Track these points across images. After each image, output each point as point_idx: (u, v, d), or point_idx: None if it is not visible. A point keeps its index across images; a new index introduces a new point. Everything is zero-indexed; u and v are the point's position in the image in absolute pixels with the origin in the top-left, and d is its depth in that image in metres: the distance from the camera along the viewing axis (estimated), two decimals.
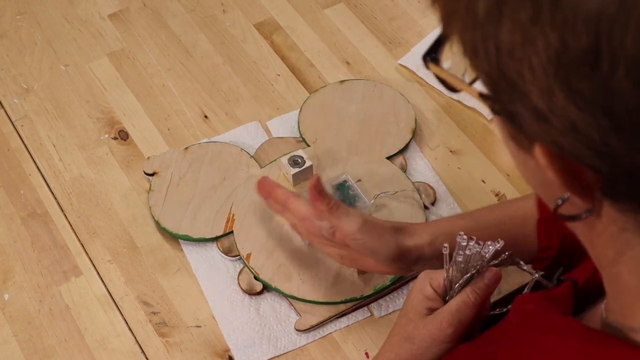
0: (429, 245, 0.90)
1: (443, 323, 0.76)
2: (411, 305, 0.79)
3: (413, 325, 0.78)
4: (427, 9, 1.29)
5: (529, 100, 0.46)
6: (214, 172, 1.10)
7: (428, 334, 0.77)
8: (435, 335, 0.77)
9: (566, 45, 0.43)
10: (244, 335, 0.98)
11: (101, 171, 1.12)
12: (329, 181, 1.07)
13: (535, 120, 0.47)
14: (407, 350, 0.78)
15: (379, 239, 0.89)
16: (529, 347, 0.62)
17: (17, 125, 1.17)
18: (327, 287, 1.00)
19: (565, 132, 0.46)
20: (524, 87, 0.46)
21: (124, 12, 1.30)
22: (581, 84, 0.43)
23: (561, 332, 0.60)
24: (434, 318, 0.77)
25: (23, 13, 1.30)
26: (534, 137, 0.49)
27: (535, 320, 0.64)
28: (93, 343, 0.99)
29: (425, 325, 0.77)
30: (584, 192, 0.49)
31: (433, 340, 0.77)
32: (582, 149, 0.46)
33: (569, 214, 0.52)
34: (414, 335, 0.78)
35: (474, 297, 0.77)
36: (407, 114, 1.15)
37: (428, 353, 0.77)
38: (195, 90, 1.21)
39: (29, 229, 1.07)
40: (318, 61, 1.24)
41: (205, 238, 1.04)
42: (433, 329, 0.77)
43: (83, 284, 1.03)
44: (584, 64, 0.43)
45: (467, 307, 0.77)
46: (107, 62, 1.24)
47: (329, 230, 0.90)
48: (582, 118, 0.44)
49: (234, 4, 1.31)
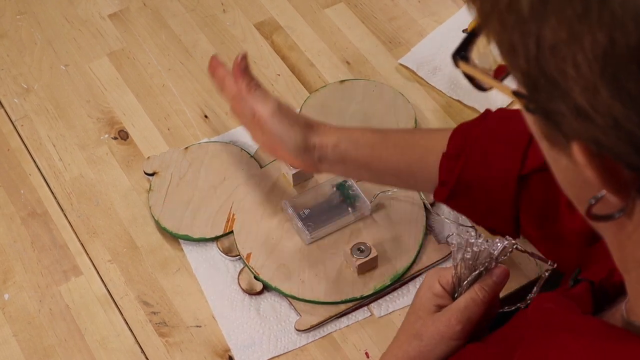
0: (333, 147, 0.94)
1: (452, 320, 0.77)
2: (420, 303, 0.80)
3: (421, 322, 0.78)
4: (427, 8, 1.29)
5: (570, 98, 0.46)
6: (214, 172, 1.10)
7: (436, 331, 0.77)
8: (444, 332, 0.77)
9: (614, 43, 0.42)
10: (244, 335, 0.98)
11: (101, 171, 1.12)
12: (329, 181, 1.07)
13: (575, 118, 0.46)
14: (415, 347, 0.78)
15: (289, 128, 0.94)
16: (548, 345, 0.62)
17: (17, 125, 1.17)
18: (327, 287, 1.00)
19: (607, 130, 0.46)
20: (566, 85, 0.45)
21: (124, 12, 1.30)
22: (628, 82, 0.43)
23: (582, 329, 0.60)
24: (442, 315, 0.78)
25: (23, 13, 1.30)
26: (571, 135, 0.48)
27: (556, 318, 0.63)
28: (93, 343, 0.99)
29: (434, 322, 0.78)
30: (621, 190, 0.49)
31: (441, 337, 0.77)
32: (623, 146, 0.46)
33: (601, 213, 0.52)
34: (422, 332, 0.78)
35: (482, 294, 0.77)
36: (407, 114, 1.15)
37: (436, 350, 0.77)
38: (196, 90, 1.21)
39: (29, 228, 1.07)
40: (318, 61, 1.24)
41: (206, 238, 1.04)
42: (441, 326, 0.77)
43: (83, 283, 1.03)
44: (632, 62, 0.42)
45: (476, 304, 0.77)
46: (107, 62, 1.24)
47: (249, 111, 0.96)
48: (627, 116, 0.44)
49: (234, 3, 1.31)
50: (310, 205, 1.05)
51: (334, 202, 1.05)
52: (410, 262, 1.02)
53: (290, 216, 1.05)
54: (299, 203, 1.05)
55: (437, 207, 1.08)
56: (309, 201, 1.05)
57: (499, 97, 1.19)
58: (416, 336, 0.78)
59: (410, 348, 0.78)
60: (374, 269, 1.01)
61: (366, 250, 1.00)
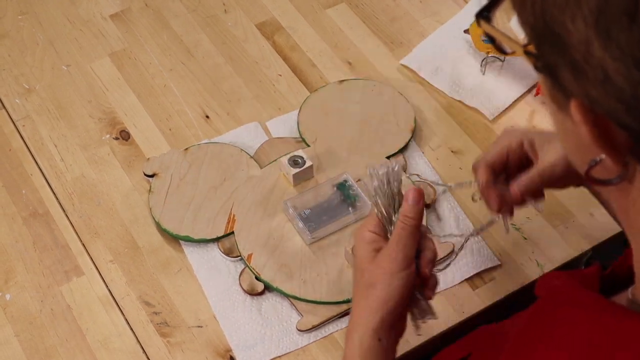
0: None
1: (392, 254, 0.79)
2: (360, 259, 0.81)
3: (368, 272, 0.80)
4: (428, 9, 1.29)
5: (569, 53, 0.48)
6: (214, 172, 1.10)
7: (383, 270, 0.79)
8: (390, 267, 0.78)
9: None
10: (245, 335, 0.98)
11: (103, 171, 1.12)
12: (330, 181, 1.07)
13: (571, 73, 0.49)
14: (373, 297, 0.79)
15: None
16: (553, 319, 0.63)
17: (18, 125, 1.17)
18: (329, 286, 1.00)
19: (598, 84, 0.48)
20: (566, 39, 0.48)
21: (126, 12, 1.30)
22: (619, 34, 0.45)
23: (587, 305, 0.61)
24: (382, 255, 0.80)
25: (25, 13, 1.30)
26: (570, 93, 0.50)
27: (561, 294, 0.65)
28: (94, 343, 0.99)
29: (378, 264, 0.79)
30: (615, 152, 0.51)
31: (390, 273, 0.78)
32: (613, 102, 0.48)
33: (601, 178, 0.53)
34: (373, 279, 0.79)
35: (406, 220, 0.80)
36: (407, 114, 1.15)
37: (392, 289, 0.78)
38: (197, 91, 1.21)
39: (30, 229, 1.07)
40: (320, 61, 1.24)
41: (206, 239, 1.04)
42: (386, 264, 0.79)
43: (84, 284, 1.03)
44: (624, 14, 0.44)
45: (406, 229, 0.79)
46: (108, 62, 1.24)
47: None
48: (616, 69, 0.46)
49: (236, 4, 1.31)
50: (310, 205, 1.05)
51: (334, 202, 1.05)
52: None
53: (291, 216, 1.05)
54: (299, 203, 1.05)
55: (436, 207, 1.08)
56: (310, 201, 1.05)
57: (500, 98, 1.19)
58: (369, 286, 0.79)
59: (370, 300, 0.79)
60: None
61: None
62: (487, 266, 1.03)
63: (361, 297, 0.80)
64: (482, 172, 0.91)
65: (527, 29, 0.51)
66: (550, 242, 1.05)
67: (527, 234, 1.06)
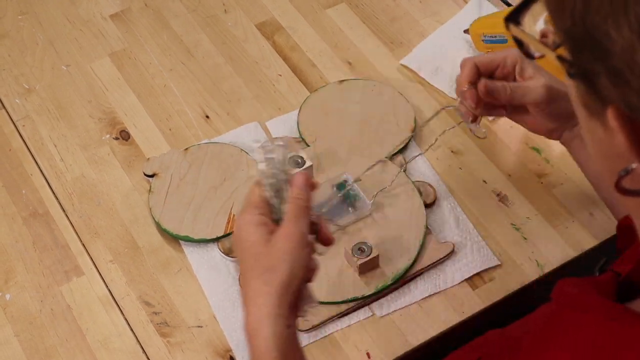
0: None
1: (289, 233, 0.76)
2: (251, 244, 0.77)
3: (264, 256, 0.76)
4: (428, 9, 1.30)
5: (610, 59, 0.47)
6: (213, 173, 1.10)
7: (282, 250, 0.76)
8: (289, 246, 0.76)
9: None
10: None
11: (103, 171, 1.12)
12: (329, 181, 1.07)
13: (610, 79, 0.48)
14: (276, 281, 0.75)
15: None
16: (566, 323, 0.62)
17: (18, 125, 1.17)
18: (329, 286, 1.00)
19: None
20: (607, 45, 0.47)
21: (126, 12, 1.30)
22: None
23: (601, 312, 0.60)
24: (278, 235, 0.77)
25: (25, 13, 1.30)
26: (607, 100, 0.49)
27: (576, 300, 0.64)
28: (94, 343, 0.99)
29: (274, 245, 0.76)
30: None
31: (290, 252, 0.76)
32: None
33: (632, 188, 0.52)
34: (271, 262, 0.76)
35: (298, 201, 0.78)
36: (407, 114, 1.15)
37: (295, 269, 0.75)
38: (197, 91, 1.21)
39: (30, 229, 1.07)
40: (320, 61, 1.24)
41: (206, 239, 1.04)
42: (285, 244, 0.76)
43: (84, 284, 1.03)
44: None
45: (300, 209, 0.78)
46: (108, 62, 1.24)
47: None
48: None
49: (236, 4, 1.31)
50: None
51: (334, 202, 1.05)
52: (411, 262, 1.02)
53: None
54: None
55: (436, 207, 1.08)
56: None
57: None
58: (268, 270, 0.75)
59: (273, 286, 0.75)
60: (375, 269, 1.01)
61: (367, 250, 1.00)
62: (487, 266, 1.03)
63: (261, 284, 0.75)
64: (466, 66, 0.96)
65: (562, 35, 0.50)
66: (550, 242, 1.05)
67: (527, 234, 1.06)
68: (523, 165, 1.12)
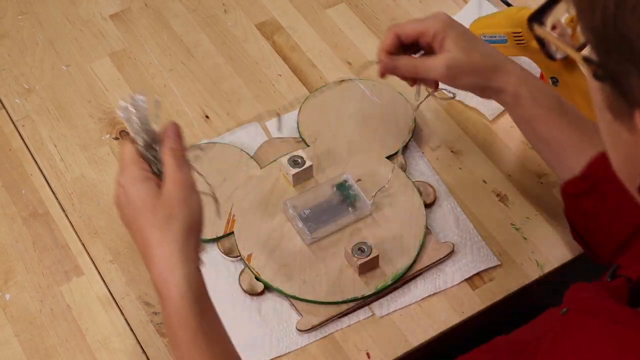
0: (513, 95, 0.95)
1: (178, 181, 0.78)
2: (143, 201, 0.78)
3: (160, 207, 0.77)
4: (428, 9, 1.29)
5: None
6: (213, 173, 1.10)
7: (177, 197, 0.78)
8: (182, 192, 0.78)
9: None
10: (245, 335, 0.98)
11: (102, 171, 1.12)
12: (329, 181, 1.07)
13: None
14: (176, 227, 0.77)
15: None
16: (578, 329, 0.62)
17: (18, 125, 1.17)
18: (329, 287, 1.00)
19: None
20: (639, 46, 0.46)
21: (126, 12, 1.30)
22: None
23: (614, 317, 0.60)
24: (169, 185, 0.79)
25: (25, 13, 1.30)
26: (637, 102, 0.49)
27: (588, 305, 0.64)
28: (94, 343, 0.99)
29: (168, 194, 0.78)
30: None
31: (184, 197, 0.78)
32: None
33: None
34: (169, 210, 0.77)
35: (175, 151, 0.80)
36: (406, 113, 1.15)
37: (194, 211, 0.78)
38: (197, 91, 1.21)
39: (30, 229, 1.07)
40: (320, 61, 1.24)
41: (206, 239, 1.04)
42: (178, 192, 0.78)
43: (84, 284, 1.03)
44: None
45: (179, 157, 0.80)
46: (108, 62, 1.24)
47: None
48: None
49: (236, 4, 1.31)
50: (310, 205, 1.05)
51: (334, 202, 1.05)
52: (411, 262, 1.02)
53: (290, 216, 1.05)
54: (299, 203, 1.05)
55: (436, 207, 1.08)
56: (310, 201, 1.05)
57: None
58: (169, 218, 0.77)
59: (174, 232, 0.77)
60: (374, 269, 1.01)
61: (367, 250, 1.00)
62: (487, 266, 1.03)
63: (164, 234, 0.76)
64: (387, 36, 0.96)
65: (589, 33, 0.50)
66: (550, 242, 1.05)
67: (527, 234, 1.06)
68: (523, 165, 1.12)
